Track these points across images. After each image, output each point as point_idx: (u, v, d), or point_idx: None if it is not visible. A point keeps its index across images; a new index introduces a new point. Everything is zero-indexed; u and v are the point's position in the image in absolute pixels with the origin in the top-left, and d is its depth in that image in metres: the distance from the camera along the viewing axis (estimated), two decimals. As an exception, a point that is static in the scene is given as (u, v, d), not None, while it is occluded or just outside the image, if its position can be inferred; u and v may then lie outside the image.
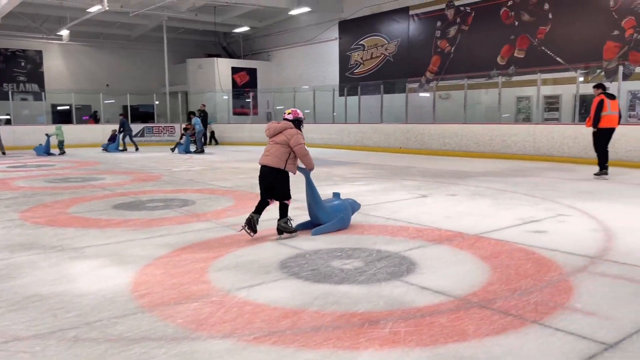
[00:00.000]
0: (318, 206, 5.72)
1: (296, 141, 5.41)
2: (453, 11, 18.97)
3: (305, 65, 25.88)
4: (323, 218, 5.73)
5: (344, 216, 5.88)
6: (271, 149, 5.47)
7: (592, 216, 6.39)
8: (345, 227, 5.89)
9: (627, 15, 14.44)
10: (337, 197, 6.07)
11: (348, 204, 6.01)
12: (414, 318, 3.29)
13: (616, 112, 9.86)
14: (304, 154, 5.47)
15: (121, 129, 20.20)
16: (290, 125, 5.53)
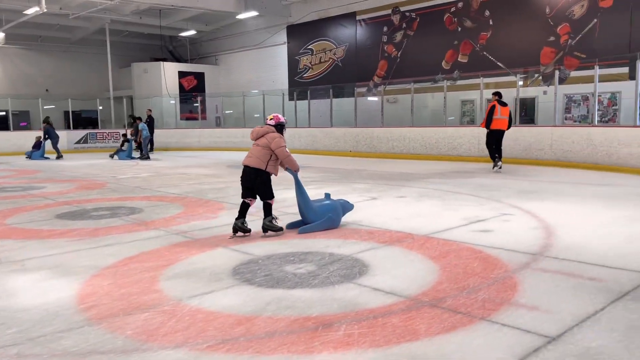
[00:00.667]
0: (306, 206, 5.91)
1: (277, 144, 5.69)
2: (399, 17, 19.38)
3: (254, 69, 25.77)
4: (311, 218, 5.91)
5: (332, 216, 5.98)
6: (254, 151, 5.78)
7: (533, 214, 6.67)
8: (334, 227, 6.01)
9: (562, 22, 15.20)
10: (328, 198, 6.16)
11: (338, 205, 6.11)
12: (367, 319, 3.33)
13: (506, 117, 11.55)
14: (285, 155, 5.74)
15: (46, 136, 19.39)
16: (272, 130, 5.83)
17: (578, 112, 14.91)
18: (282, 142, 5.74)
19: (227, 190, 9.55)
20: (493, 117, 11.46)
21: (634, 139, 11.32)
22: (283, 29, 23.74)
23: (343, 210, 6.18)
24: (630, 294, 3.69)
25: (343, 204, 6.20)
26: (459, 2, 17.60)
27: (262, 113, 22.22)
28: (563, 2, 15.14)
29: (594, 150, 12.22)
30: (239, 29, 25.75)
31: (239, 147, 22.48)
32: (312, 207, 5.95)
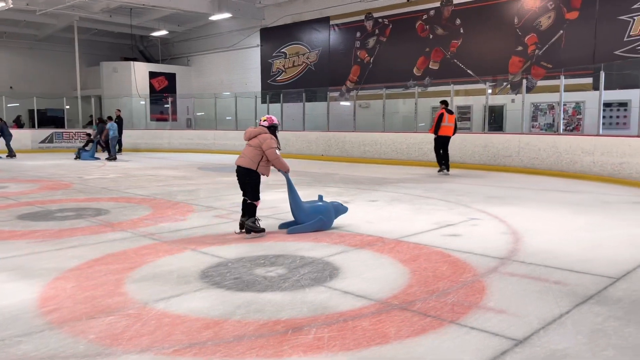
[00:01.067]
0: (297, 207, 6.00)
1: (268, 145, 5.78)
2: (372, 23, 19.53)
3: (227, 71, 25.58)
4: (302, 218, 5.99)
5: (323, 218, 6.00)
6: (246, 151, 5.91)
7: (501, 220, 6.78)
8: (325, 228, 6.05)
9: (530, 32, 15.57)
10: (321, 199, 6.18)
11: (330, 207, 6.13)
12: (338, 323, 3.31)
13: (452, 124, 12.42)
14: (274, 157, 5.80)
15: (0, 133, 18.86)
16: (264, 131, 5.92)
17: (544, 121, 15.27)
18: (273, 143, 5.80)
19: (197, 193, 9.43)
20: (441, 124, 12.32)
21: (596, 147, 11.66)
22: (256, 32, 23.64)
23: (336, 213, 6.19)
24: (594, 297, 3.77)
25: (336, 206, 6.22)
26: (430, 10, 17.84)
27: (234, 115, 22.06)
28: (531, 13, 15.51)
29: (559, 157, 12.52)
30: (212, 30, 25.53)
31: (210, 149, 22.26)
32: (302, 207, 6.01)
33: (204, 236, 5.82)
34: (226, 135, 22.11)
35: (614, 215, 7.13)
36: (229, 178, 11.98)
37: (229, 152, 21.48)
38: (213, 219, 6.90)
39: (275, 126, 6.05)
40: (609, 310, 3.52)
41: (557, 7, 14.97)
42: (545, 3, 15.21)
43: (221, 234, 5.97)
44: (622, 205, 8.02)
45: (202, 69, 27.05)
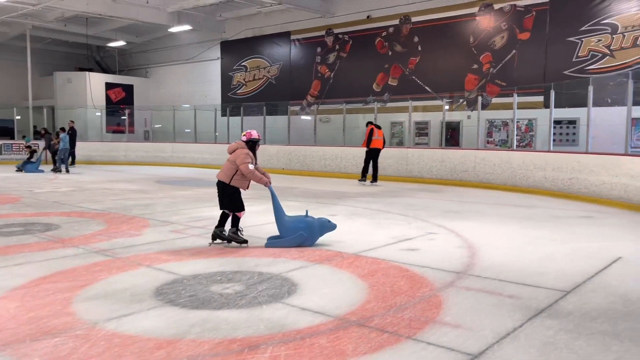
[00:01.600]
0: (278, 221, 5.99)
1: (241, 160, 5.92)
2: (332, 38, 19.75)
3: (186, 83, 25.28)
4: (282, 232, 5.98)
5: (303, 233, 5.89)
6: (224, 166, 6.11)
7: (457, 234, 6.89)
8: (306, 244, 5.93)
9: (485, 51, 16.07)
10: (307, 215, 6.06)
11: (315, 223, 6.00)
12: (295, 340, 3.26)
13: (381, 137, 13.75)
14: (247, 172, 5.92)
15: None
16: (242, 146, 6.07)
17: (499, 137, 15.73)
18: (246, 158, 5.91)
19: (153, 207, 9.21)
20: (373, 138, 13.59)
21: (547, 163, 12.07)
22: (217, 45, 23.51)
23: (322, 230, 6.06)
24: (546, 310, 3.86)
25: (323, 223, 6.07)
26: (390, 27, 18.19)
27: (193, 128, 21.77)
28: (485, 33, 16.03)
29: (513, 173, 12.90)
30: (172, 42, 25.24)
31: (169, 161, 21.87)
32: (283, 222, 5.96)
33: (159, 252, 5.67)
34: (185, 148, 21.79)
35: (564, 230, 7.37)
36: (187, 192, 11.78)
37: (187, 165, 21.16)
38: (169, 234, 6.74)
39: (254, 141, 6.15)
40: (559, 323, 3.61)
41: (510, 27, 15.52)
42: (499, 23, 15.75)
43: (177, 249, 5.83)
44: (571, 220, 8.31)
45: (161, 81, 26.66)
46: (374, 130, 13.64)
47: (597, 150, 11.37)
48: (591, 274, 4.90)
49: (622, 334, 3.41)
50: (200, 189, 12.59)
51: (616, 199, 9.98)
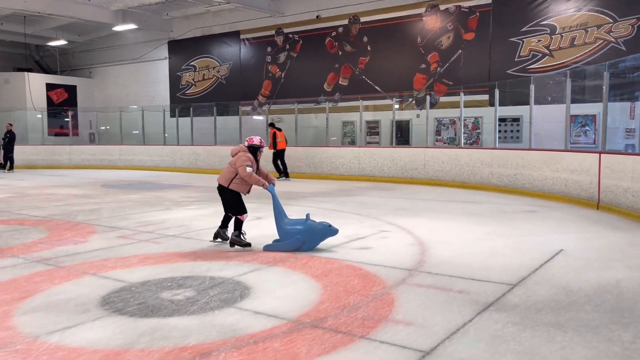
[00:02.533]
0: (277, 224, 5.91)
1: (240, 163, 5.95)
2: (282, 38, 19.68)
3: (133, 84, 24.57)
4: (280, 236, 5.89)
5: (300, 237, 5.74)
6: (224, 169, 6.17)
7: (409, 231, 7.01)
8: (304, 249, 5.75)
9: (432, 51, 16.42)
10: (307, 218, 5.88)
11: (315, 227, 5.81)
12: (248, 345, 3.22)
13: (283, 139, 15.40)
14: (245, 175, 5.91)
15: None
16: (244, 150, 6.10)
17: (447, 135, 16.11)
18: (246, 161, 5.94)
19: (100, 212, 8.90)
20: (277, 140, 15.19)
21: (493, 159, 12.46)
22: (164, 44, 22.97)
23: (322, 235, 5.86)
24: (494, 304, 3.97)
25: (324, 227, 5.85)
26: (339, 27, 18.29)
27: (141, 129, 21.19)
28: (432, 33, 16.37)
29: (461, 170, 13.24)
30: (116, 41, 24.46)
31: (116, 165, 21.22)
32: (281, 225, 5.87)
33: (105, 259, 5.48)
34: (133, 151, 21.18)
35: (510, 224, 7.62)
36: (135, 195, 11.45)
37: (135, 167, 20.59)
38: (117, 240, 6.53)
39: (255, 147, 6.16)
40: (507, 316, 3.72)
41: (456, 28, 15.92)
42: (445, 24, 16.13)
43: (125, 256, 5.65)
44: (517, 215, 8.60)
45: (106, 81, 25.80)
46: (277, 133, 15.20)
47: (540, 147, 11.83)
48: (535, 267, 5.08)
49: (565, 325, 3.55)
50: (150, 192, 12.27)
51: (558, 193, 10.41)
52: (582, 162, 9.80)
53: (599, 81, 10.54)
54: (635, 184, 8.06)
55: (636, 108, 12.05)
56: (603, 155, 9.18)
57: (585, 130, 13.50)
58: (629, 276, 4.76)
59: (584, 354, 3.07)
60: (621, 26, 13.15)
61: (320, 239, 5.90)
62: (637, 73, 9.27)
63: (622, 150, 11.92)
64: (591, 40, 13.62)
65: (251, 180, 5.97)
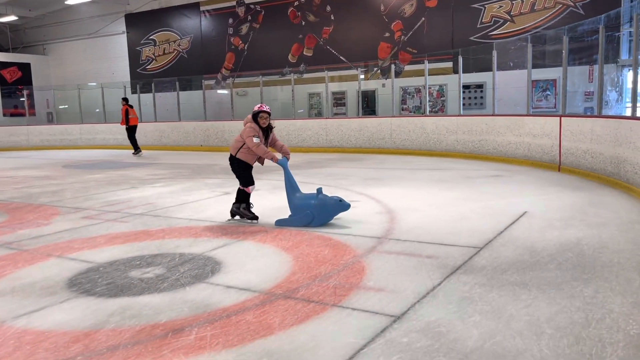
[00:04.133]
0: (288, 198, 5.75)
1: (246, 134, 5.78)
2: (244, 9, 19.24)
3: (90, 60, 23.73)
4: (292, 211, 5.72)
5: (310, 212, 5.55)
6: (234, 138, 6.03)
7: (377, 200, 7.07)
8: (314, 225, 5.56)
9: (395, 19, 16.34)
10: (319, 192, 5.61)
11: (324, 201, 5.55)
12: (220, 319, 3.22)
13: (136, 115, 16.26)
14: (251, 145, 5.74)
15: None
16: (250, 120, 5.89)
17: (412, 104, 16.19)
18: (251, 132, 5.74)
19: (62, 193, 8.66)
20: (130, 117, 15.81)
21: (458, 127, 12.62)
22: (121, 18, 22.18)
23: (333, 210, 5.61)
24: (461, 267, 4.07)
25: (335, 202, 5.58)
26: (302, -3, 17.99)
27: (102, 107, 20.58)
28: (395, 1, 16.27)
29: (427, 138, 13.38)
30: (70, 16, 23.48)
31: (77, 144, 20.63)
32: (292, 200, 5.70)
33: (71, 240, 5.36)
34: (94, 129, 20.61)
35: (476, 189, 7.78)
36: (99, 175, 11.18)
37: (97, 147, 20.08)
38: (81, 220, 6.38)
39: (254, 113, 5.86)
40: (474, 278, 3.81)
41: (419, -5, 15.85)
42: (407, -9, 16.03)
43: (92, 236, 5.53)
44: (482, 180, 8.77)
45: (62, 58, 24.84)
46: (129, 109, 15.77)
47: (503, 112, 12.03)
48: (501, 229, 5.21)
49: (530, 283, 3.67)
50: (114, 171, 12.00)
51: (521, 157, 10.65)
52: (544, 126, 10.02)
53: (559, 46, 10.72)
54: (594, 145, 8.30)
55: (594, 71, 12.33)
56: (563, 118, 9.40)
57: (547, 94, 13.77)
58: (589, 234, 4.93)
59: (548, 310, 3.18)
60: (580, -10, 13.33)
61: (331, 215, 5.67)
62: (595, 36, 9.44)
63: (582, 113, 12.23)
64: (551, 5, 13.78)
65: (258, 151, 5.74)
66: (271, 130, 6.02)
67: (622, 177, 7.32)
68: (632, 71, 8.04)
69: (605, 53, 8.93)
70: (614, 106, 12.16)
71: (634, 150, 6.94)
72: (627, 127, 7.23)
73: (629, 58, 12.07)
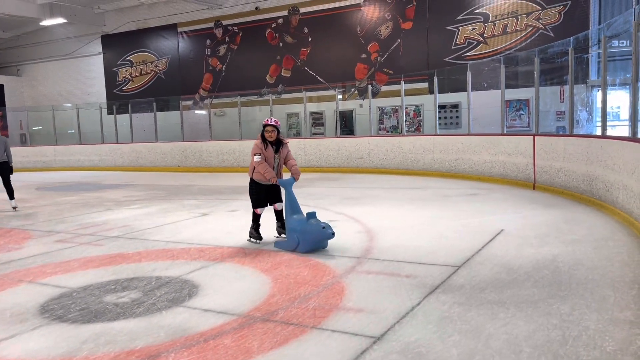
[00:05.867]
0: (285, 220, 5.65)
1: (252, 153, 5.70)
2: (221, 30, 19.33)
3: (65, 81, 23.48)
4: (286, 233, 5.67)
5: (297, 237, 5.29)
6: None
7: (356, 220, 7.08)
8: (299, 250, 5.24)
9: (372, 40, 16.59)
10: (312, 217, 5.26)
11: (307, 228, 5.20)
12: (198, 344, 3.16)
13: None
14: (254, 163, 5.64)
15: None
16: (258, 136, 5.76)
17: (390, 123, 16.37)
18: (254, 149, 5.66)
19: (35, 216, 8.47)
20: None
21: (434, 146, 12.78)
22: (97, 39, 22.05)
23: (316, 238, 5.22)
24: (440, 287, 4.08)
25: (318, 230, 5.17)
26: (279, 19, 18.15)
27: (77, 128, 20.30)
28: (371, 23, 16.53)
29: (405, 157, 13.50)
30: (45, 36, 23.26)
31: (51, 166, 20.27)
32: (287, 222, 5.52)
33: (43, 265, 5.23)
34: (68, 151, 20.29)
35: (453, 208, 7.85)
36: (73, 197, 10.98)
37: (73, 168, 19.75)
38: (54, 244, 6.24)
39: (263, 126, 5.72)
40: (453, 297, 3.82)
41: (394, 17, 16.15)
42: (383, 14, 16.32)
43: (65, 260, 5.41)
44: (459, 198, 8.87)
45: (36, 79, 24.52)
46: None
47: (478, 132, 12.23)
48: (478, 248, 5.26)
49: (507, 301, 3.69)
50: (89, 193, 11.80)
51: (497, 175, 10.81)
52: (518, 144, 10.21)
53: (531, 67, 11.00)
54: (567, 163, 8.48)
55: (565, 91, 12.66)
56: (537, 137, 9.60)
57: (520, 114, 14.07)
58: (564, 251, 5.00)
59: (525, 328, 3.20)
60: (549, 13, 13.75)
61: (314, 242, 5.25)
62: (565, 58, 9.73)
63: (554, 132, 12.52)
64: (522, 28, 14.16)
65: (259, 169, 5.60)
66: (282, 146, 5.80)
67: (595, 194, 7.47)
68: (601, 91, 8.28)
69: (575, 74, 9.19)
70: (585, 125, 12.48)
71: (604, 168, 7.11)
72: (598, 145, 7.41)
73: (598, 79, 12.44)
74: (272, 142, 5.73)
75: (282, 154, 5.83)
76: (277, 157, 5.78)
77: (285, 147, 5.86)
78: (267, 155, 5.68)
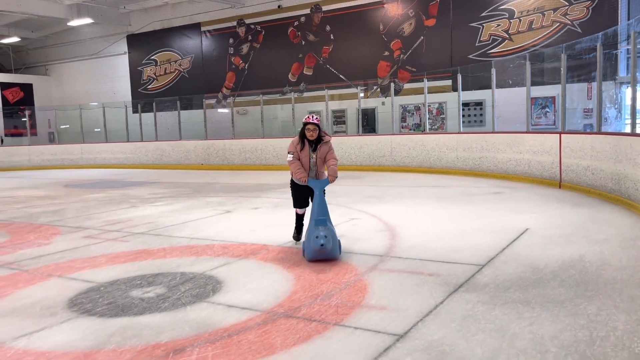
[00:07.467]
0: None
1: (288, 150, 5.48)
2: (244, 29, 19.45)
3: (92, 80, 23.92)
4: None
5: (303, 245, 5.12)
6: None
7: (378, 218, 7.06)
8: (306, 259, 4.94)
9: (394, 38, 16.50)
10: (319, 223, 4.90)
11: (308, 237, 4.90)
12: (222, 339, 3.19)
13: None
14: (288, 162, 5.45)
15: None
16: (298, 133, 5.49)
17: (412, 121, 16.27)
18: (289, 147, 5.46)
19: (63, 213, 8.66)
20: None
21: (458, 144, 12.66)
22: (123, 38, 22.41)
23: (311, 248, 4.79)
24: (464, 285, 4.05)
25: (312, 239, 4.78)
26: (301, 17, 18.19)
27: (103, 127, 20.68)
28: (394, 20, 16.45)
29: (427, 155, 13.41)
30: (73, 36, 23.74)
31: (78, 164, 20.68)
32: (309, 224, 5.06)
33: (72, 260, 5.34)
34: (95, 149, 20.68)
35: (477, 206, 7.77)
36: (100, 194, 11.19)
37: (99, 166, 20.13)
38: (82, 240, 6.37)
39: (303, 124, 5.31)
40: (477, 296, 3.79)
41: (417, 14, 16.03)
42: (406, 11, 16.22)
43: (92, 256, 5.52)
44: (483, 197, 8.77)
45: (64, 79, 25.05)
46: None
47: (503, 130, 12.07)
48: (503, 246, 5.19)
49: (532, 301, 3.65)
50: (115, 190, 12.01)
51: (521, 174, 10.66)
52: (544, 143, 10.04)
53: (557, 63, 10.80)
54: (594, 162, 8.31)
55: (593, 88, 12.41)
56: (563, 135, 9.43)
57: (546, 111, 13.84)
58: (591, 251, 4.91)
59: (551, 328, 3.16)
60: (576, 9, 13.48)
61: (311, 252, 4.83)
62: (593, 54, 9.52)
63: (581, 130, 12.28)
64: (548, 24, 13.92)
65: (291, 168, 5.36)
66: (322, 143, 5.35)
67: (623, 193, 7.32)
68: (630, 88, 8.09)
69: (603, 70, 8.99)
70: (613, 123, 12.21)
71: (634, 166, 6.95)
72: (627, 143, 7.25)
73: (627, 75, 12.15)
74: (312, 140, 5.33)
75: (321, 152, 5.35)
76: (314, 155, 5.34)
77: (325, 145, 5.37)
78: (302, 154, 5.32)
